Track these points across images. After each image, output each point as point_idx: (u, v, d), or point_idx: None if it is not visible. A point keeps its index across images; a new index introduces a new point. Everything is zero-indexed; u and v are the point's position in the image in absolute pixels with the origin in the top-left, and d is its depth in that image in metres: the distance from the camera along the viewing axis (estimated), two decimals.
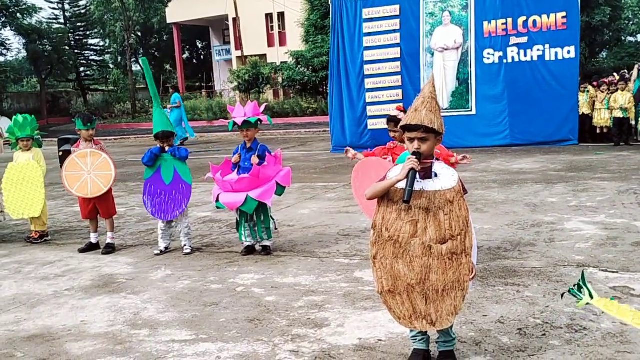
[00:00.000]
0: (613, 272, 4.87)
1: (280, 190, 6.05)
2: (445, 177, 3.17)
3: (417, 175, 3.12)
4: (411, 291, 3.14)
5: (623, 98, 13.21)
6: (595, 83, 14.35)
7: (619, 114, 13.23)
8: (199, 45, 49.42)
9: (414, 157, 3.09)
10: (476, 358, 3.51)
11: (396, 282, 3.16)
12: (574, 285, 2.81)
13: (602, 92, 13.71)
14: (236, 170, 6.11)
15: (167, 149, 6.31)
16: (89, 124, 6.56)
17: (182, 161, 6.32)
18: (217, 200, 6.04)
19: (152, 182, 6.36)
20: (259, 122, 6.02)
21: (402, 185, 3.10)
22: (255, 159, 5.96)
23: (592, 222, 6.53)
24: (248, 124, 5.93)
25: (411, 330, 3.41)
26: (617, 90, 13.49)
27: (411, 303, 3.15)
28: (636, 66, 14.11)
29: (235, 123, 5.96)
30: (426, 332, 3.39)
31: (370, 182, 3.46)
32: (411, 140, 3.16)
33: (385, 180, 3.19)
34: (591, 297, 2.70)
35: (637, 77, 13.61)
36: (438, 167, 3.21)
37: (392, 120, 5.14)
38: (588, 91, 13.86)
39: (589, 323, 3.88)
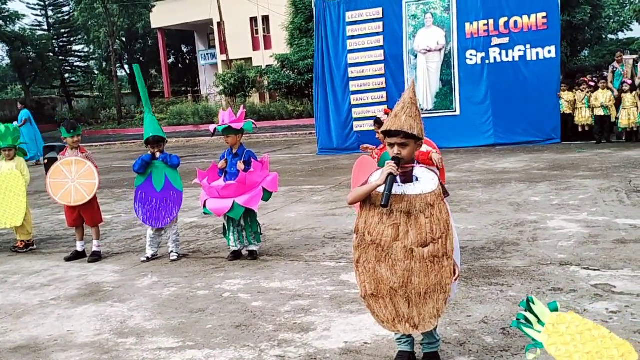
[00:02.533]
0: (595, 269, 4.94)
1: (266, 195, 6.09)
2: (425, 181, 3.21)
3: (398, 179, 3.17)
4: (394, 295, 3.18)
5: (604, 96, 13.36)
6: (577, 82, 14.50)
7: (600, 112, 13.38)
8: (184, 50, 49.28)
9: (393, 162, 3.13)
10: (460, 358, 3.56)
11: (379, 286, 3.19)
12: (519, 319, 2.75)
13: (582, 91, 13.86)
14: (223, 176, 6.13)
15: (158, 155, 6.31)
16: (72, 131, 6.55)
17: (173, 168, 6.33)
18: (205, 206, 6.06)
19: (143, 189, 6.36)
20: (240, 129, 6.02)
21: (383, 189, 3.14)
22: (240, 165, 5.98)
23: (575, 220, 6.62)
24: (226, 130, 5.95)
25: (396, 333, 3.45)
26: (597, 89, 13.64)
27: (394, 306, 3.19)
28: (610, 67, 14.31)
29: (221, 128, 5.98)
30: (410, 334, 3.43)
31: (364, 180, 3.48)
32: (391, 145, 3.21)
33: (366, 184, 3.24)
34: (540, 323, 2.71)
35: (613, 78, 13.80)
36: (419, 171, 3.25)
37: (379, 122, 5.20)
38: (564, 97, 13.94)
39: None
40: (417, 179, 3.21)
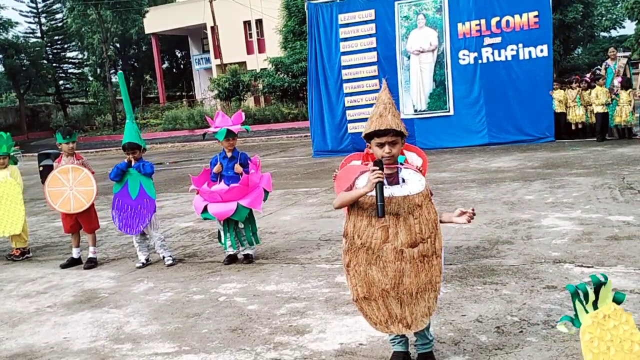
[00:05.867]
0: (588, 266, 4.97)
1: (265, 195, 6.11)
2: (412, 182, 3.23)
3: (385, 181, 3.19)
4: (386, 296, 3.20)
5: (603, 93, 13.34)
6: (568, 80, 14.55)
7: (602, 109, 13.34)
8: (178, 55, 49.30)
9: (377, 168, 3.11)
10: (455, 358, 3.57)
11: (371, 289, 3.21)
12: (579, 288, 2.63)
13: (573, 89, 13.90)
14: (219, 180, 6.13)
15: (133, 163, 6.31)
16: (68, 137, 6.55)
17: (147, 176, 6.33)
18: (204, 212, 6.04)
19: (120, 196, 6.37)
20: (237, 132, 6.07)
21: (371, 193, 3.16)
22: (239, 168, 5.99)
23: (568, 217, 6.65)
24: (228, 134, 5.97)
25: (389, 334, 3.46)
26: (593, 87, 13.65)
27: (386, 308, 3.21)
28: (603, 65, 14.36)
29: (227, 131, 5.95)
30: (404, 334, 3.45)
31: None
32: (381, 145, 3.23)
33: (353, 190, 3.24)
34: (594, 306, 2.55)
35: (606, 75, 13.83)
36: (405, 173, 3.28)
37: None
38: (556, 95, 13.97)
39: None
40: (403, 181, 3.24)
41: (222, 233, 6.17)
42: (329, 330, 4.14)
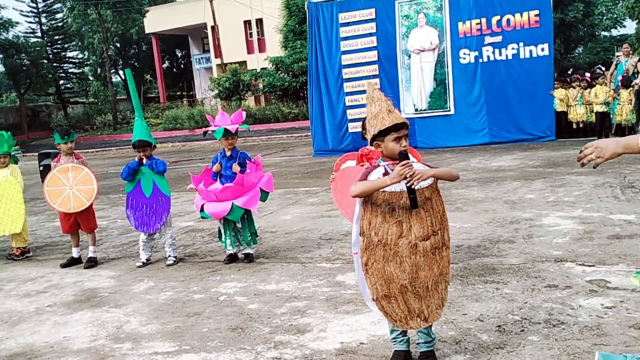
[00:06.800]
0: (590, 265, 4.95)
1: (264, 195, 6.09)
2: None
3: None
4: (404, 292, 3.23)
5: (603, 92, 13.33)
6: (569, 79, 14.53)
7: (601, 108, 13.31)
8: (179, 54, 49.29)
9: (408, 161, 3.09)
10: (456, 357, 3.55)
11: (390, 285, 3.22)
12: None
13: (574, 88, 13.87)
14: (218, 179, 6.13)
15: (145, 162, 6.30)
16: (66, 137, 6.54)
17: (160, 174, 6.32)
18: (202, 210, 6.04)
19: (133, 195, 6.35)
20: (236, 131, 6.05)
21: (388, 189, 3.15)
22: (236, 167, 5.98)
23: (569, 216, 6.63)
24: (226, 133, 5.95)
25: (391, 332, 3.46)
26: (594, 86, 13.63)
27: (405, 304, 3.24)
28: (614, 61, 14.28)
29: (225, 130, 5.92)
30: (406, 332, 3.45)
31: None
32: (397, 139, 3.22)
33: (375, 180, 3.19)
34: None
35: (615, 70, 13.76)
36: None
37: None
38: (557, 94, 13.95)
39: (566, 317, 3.94)
40: None
41: (222, 231, 6.17)
42: (329, 329, 4.13)
